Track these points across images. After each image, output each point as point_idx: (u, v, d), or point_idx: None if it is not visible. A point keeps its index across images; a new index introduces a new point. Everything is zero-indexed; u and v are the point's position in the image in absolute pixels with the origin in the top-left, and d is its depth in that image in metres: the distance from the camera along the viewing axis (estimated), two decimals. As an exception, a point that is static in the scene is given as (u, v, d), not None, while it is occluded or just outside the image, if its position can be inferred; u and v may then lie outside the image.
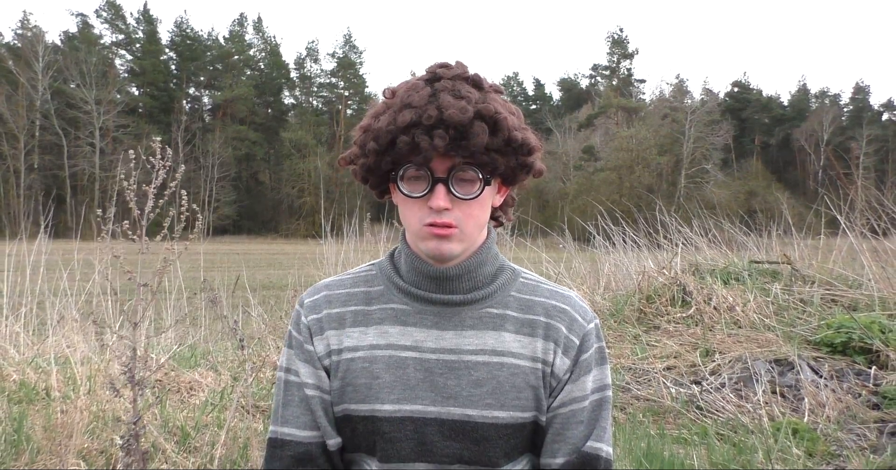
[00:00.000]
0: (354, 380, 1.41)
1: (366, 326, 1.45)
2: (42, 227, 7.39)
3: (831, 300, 6.84)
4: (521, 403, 1.39)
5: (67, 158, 59.12)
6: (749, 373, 5.10)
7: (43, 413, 4.13)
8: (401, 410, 1.38)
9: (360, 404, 1.40)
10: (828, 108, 75.00)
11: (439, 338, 1.41)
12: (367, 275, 1.53)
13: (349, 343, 1.44)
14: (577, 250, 9.90)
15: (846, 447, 4.00)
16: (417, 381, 1.39)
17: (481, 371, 1.39)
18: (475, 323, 1.42)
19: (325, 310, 1.48)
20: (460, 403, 1.37)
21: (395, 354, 1.41)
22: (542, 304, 1.46)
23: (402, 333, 1.42)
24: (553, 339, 1.43)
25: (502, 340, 1.41)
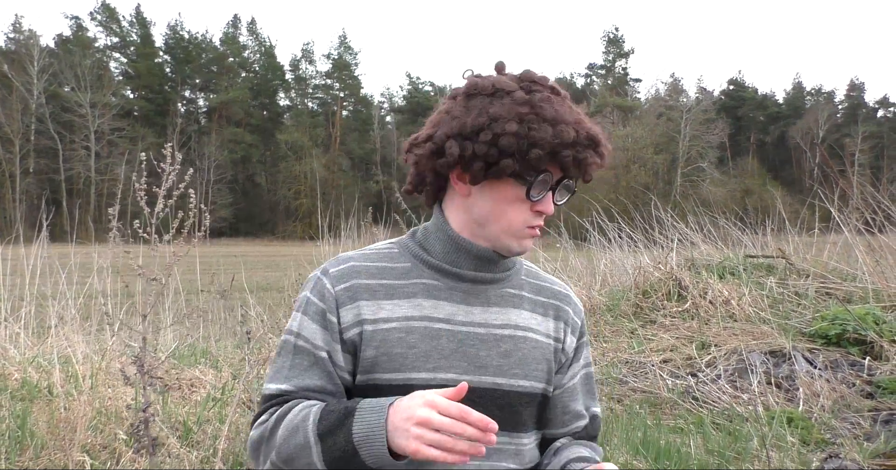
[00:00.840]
0: (390, 349, 1.46)
1: (399, 299, 1.50)
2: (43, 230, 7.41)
3: (826, 293, 6.90)
4: (539, 375, 1.54)
5: (63, 162, 59.03)
6: (745, 364, 5.15)
7: (46, 410, 4.17)
8: (436, 378, 1.45)
9: (395, 373, 1.45)
10: (823, 106, 75.20)
11: (468, 312, 1.52)
12: (390, 252, 1.59)
13: (383, 314, 1.48)
14: (574, 248, 9.93)
15: (840, 435, 4.06)
16: (451, 351, 1.48)
17: (508, 343, 1.52)
18: (499, 300, 1.55)
19: (355, 280, 1.52)
20: (490, 372, 1.49)
21: (430, 326, 1.48)
22: (549, 288, 1.65)
23: (435, 306, 1.50)
24: (563, 319, 1.62)
25: (523, 316, 1.56)
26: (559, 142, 1.40)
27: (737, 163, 69.95)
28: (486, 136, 1.41)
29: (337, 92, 78.79)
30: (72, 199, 52.20)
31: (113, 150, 61.21)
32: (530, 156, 1.40)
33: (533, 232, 1.50)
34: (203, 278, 8.32)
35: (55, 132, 59.26)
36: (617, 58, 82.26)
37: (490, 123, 1.42)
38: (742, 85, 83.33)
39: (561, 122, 1.41)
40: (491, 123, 1.41)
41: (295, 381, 1.48)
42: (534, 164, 1.42)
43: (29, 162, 58.39)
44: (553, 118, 1.41)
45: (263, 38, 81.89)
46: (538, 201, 1.47)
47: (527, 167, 1.42)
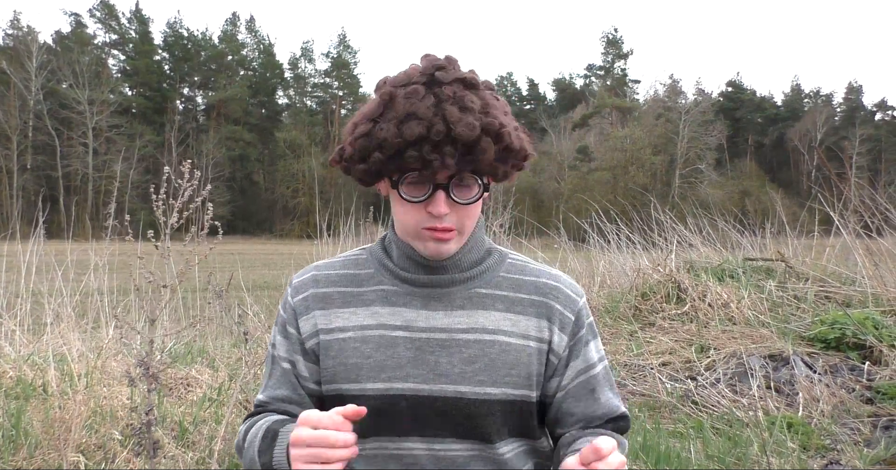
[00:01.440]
0: (346, 360, 1.43)
1: (356, 307, 1.47)
2: (39, 227, 7.38)
3: (825, 297, 6.88)
4: (513, 380, 1.42)
5: (60, 159, 58.91)
6: (744, 368, 5.13)
7: (41, 408, 4.14)
8: (391, 388, 1.40)
9: (352, 384, 1.42)
10: (821, 108, 75.24)
11: (429, 317, 1.43)
12: (358, 258, 1.55)
13: (339, 323, 1.46)
14: (573, 249, 9.92)
15: (840, 441, 4.03)
16: (408, 359, 1.41)
17: (473, 349, 1.41)
18: (464, 303, 1.45)
19: (312, 289, 1.51)
20: (452, 380, 1.40)
21: (386, 334, 1.43)
22: (533, 282, 1.50)
23: (392, 313, 1.45)
24: (547, 316, 1.47)
25: (492, 318, 1.44)
26: (400, 140, 1.29)
27: (735, 165, 69.93)
28: (349, 138, 1.39)
29: (336, 90, 78.70)
30: (69, 196, 52.14)
31: (111, 148, 61.10)
32: (372, 159, 1.33)
33: (433, 234, 1.37)
34: (201, 276, 8.28)
35: (53, 129, 59.16)
36: (616, 59, 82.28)
37: (357, 124, 1.38)
38: (740, 87, 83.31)
39: (412, 119, 1.28)
40: (357, 124, 1.38)
41: (269, 391, 1.52)
42: (392, 166, 1.33)
43: (26, 158, 58.28)
44: (404, 114, 1.29)
45: (262, 36, 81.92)
46: (428, 202, 1.35)
47: (391, 168, 1.34)
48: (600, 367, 1.53)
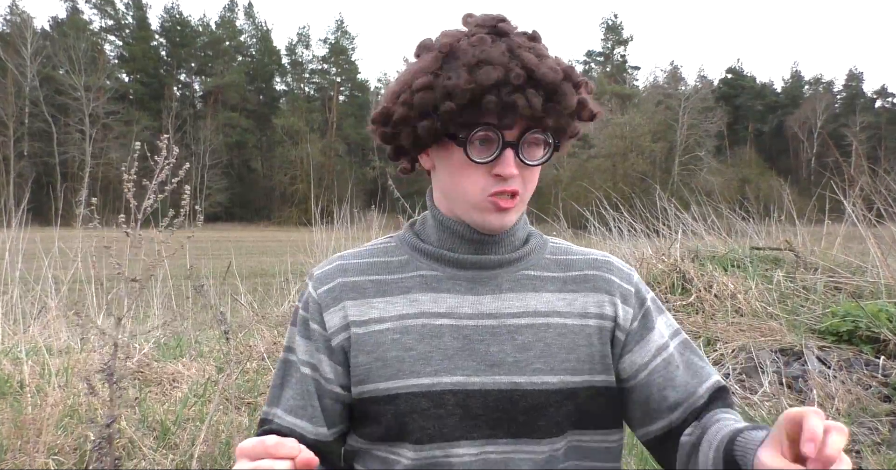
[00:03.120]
0: (384, 354, 1.26)
1: (392, 296, 1.30)
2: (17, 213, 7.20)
3: (835, 287, 6.66)
4: (572, 366, 1.27)
5: (57, 145, 58.72)
6: (753, 363, 4.92)
7: (15, 407, 3.93)
8: (439, 383, 1.24)
9: (392, 381, 1.25)
10: (821, 96, 75.08)
11: (476, 303, 1.28)
12: (387, 246, 1.39)
13: (374, 314, 1.29)
14: (573, 237, 9.71)
15: (858, 442, 3.83)
16: (456, 350, 1.26)
17: (526, 334, 1.27)
18: (513, 286, 1.31)
19: (339, 278, 1.33)
20: (506, 370, 1.25)
21: (429, 323, 1.27)
22: (583, 259, 1.38)
23: (435, 299, 1.29)
24: (605, 290, 1.33)
25: (545, 300, 1.30)
26: (475, 86, 1.16)
27: (734, 152, 69.81)
28: (405, 95, 1.23)
29: (334, 77, 78.52)
30: (67, 183, 51.95)
31: (108, 134, 60.95)
32: (443, 109, 1.18)
33: (498, 201, 1.23)
34: (197, 264, 8.10)
35: (49, 115, 58.99)
36: (615, 45, 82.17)
37: (411, 80, 1.23)
38: (740, 74, 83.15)
39: (484, 64, 1.16)
40: (411, 80, 1.23)
41: (281, 404, 1.34)
42: (461, 119, 1.19)
43: (23, 145, 58.11)
44: (476, 60, 1.17)
45: (260, 22, 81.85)
46: (495, 163, 1.21)
47: (457, 124, 1.20)
48: (682, 337, 1.37)
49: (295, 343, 1.35)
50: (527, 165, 1.23)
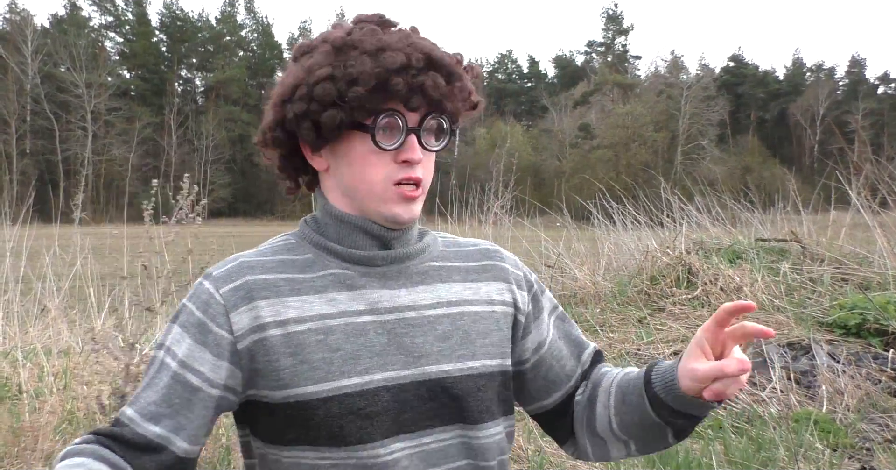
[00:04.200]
0: (310, 356, 1.19)
1: (307, 295, 1.23)
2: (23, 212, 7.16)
3: (842, 279, 6.59)
4: (488, 350, 1.30)
5: (59, 143, 58.73)
6: (761, 358, 4.85)
7: (13, 412, 3.88)
8: (372, 381, 1.20)
9: (321, 384, 1.18)
10: (823, 83, 74.76)
11: (393, 297, 1.27)
12: (287, 244, 1.32)
13: (292, 314, 1.21)
14: (576, 229, 9.65)
15: (868, 439, 3.76)
16: (383, 345, 1.23)
17: (445, 323, 1.28)
18: (423, 277, 1.31)
19: (247, 276, 1.23)
20: (433, 359, 1.25)
21: (352, 321, 1.22)
22: (475, 250, 1.42)
23: (353, 297, 1.25)
24: (503, 278, 1.38)
25: (454, 290, 1.32)
26: (381, 70, 1.16)
27: (737, 140, 69.63)
28: (302, 90, 1.21)
29: (335, 70, 78.52)
30: (69, 180, 52.00)
31: (110, 131, 60.97)
32: (350, 95, 1.17)
33: (403, 191, 1.22)
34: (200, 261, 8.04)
35: (51, 113, 59.00)
36: (616, 35, 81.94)
37: (305, 76, 1.21)
38: (742, 62, 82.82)
39: (386, 49, 1.18)
40: (306, 76, 1.21)
41: (142, 407, 1.17)
42: (366, 106, 1.18)
43: (25, 143, 58.13)
44: (375, 48, 1.18)
45: (261, 16, 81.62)
46: (401, 150, 1.21)
47: (361, 112, 1.18)
48: (559, 311, 1.47)
49: (177, 345, 1.20)
50: (429, 151, 1.25)
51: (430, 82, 1.18)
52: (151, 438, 1.16)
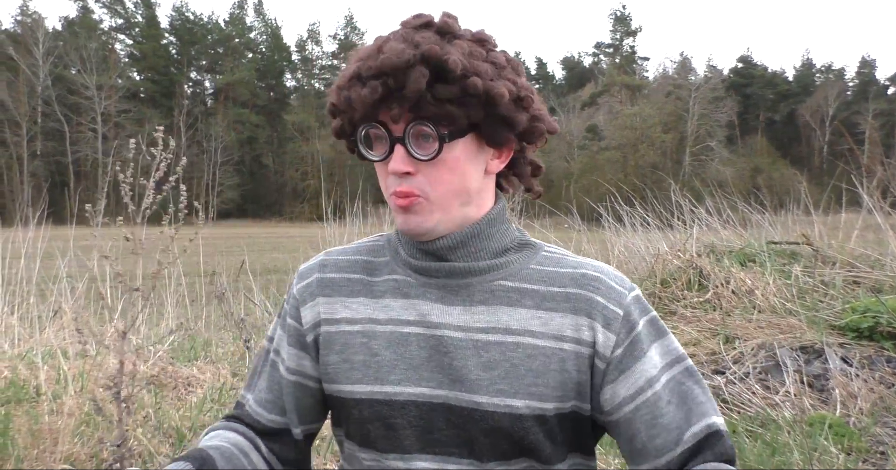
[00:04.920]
0: (352, 356, 1.23)
1: (365, 297, 1.27)
2: (39, 213, 7.21)
3: (854, 282, 6.58)
4: (540, 391, 1.16)
5: (70, 144, 59.01)
6: (774, 361, 4.86)
7: (33, 413, 3.91)
8: (403, 392, 1.19)
9: (357, 385, 1.22)
10: (833, 83, 74.59)
11: (445, 313, 1.21)
12: (374, 245, 1.35)
13: (346, 314, 1.27)
14: (586, 230, 9.65)
15: (884, 443, 3.77)
16: (422, 360, 1.20)
17: (493, 352, 1.18)
18: (486, 297, 1.21)
19: (317, 274, 1.32)
20: (468, 387, 1.17)
21: (397, 330, 1.22)
22: (569, 274, 1.23)
23: (405, 306, 1.23)
24: (586, 312, 1.19)
25: (518, 316, 1.19)
26: (340, 84, 1.17)
27: (745, 141, 69.53)
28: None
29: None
30: (80, 182, 52.23)
31: (120, 133, 61.19)
32: (328, 110, 1.23)
33: (396, 201, 1.18)
34: (205, 261, 8.09)
35: (62, 115, 59.31)
36: (624, 36, 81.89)
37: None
38: (751, 62, 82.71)
39: (358, 61, 1.15)
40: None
41: (254, 392, 1.37)
42: (352, 120, 1.18)
43: (36, 145, 58.42)
44: (355, 60, 1.16)
45: (269, 18, 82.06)
46: (388, 161, 1.17)
47: (350, 124, 1.20)
48: (681, 367, 1.22)
49: (276, 334, 1.36)
50: (420, 160, 1.16)
51: (355, 95, 1.14)
52: (267, 424, 1.33)
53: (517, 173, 1.32)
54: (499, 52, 1.20)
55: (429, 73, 1.10)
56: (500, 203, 1.28)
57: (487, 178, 1.25)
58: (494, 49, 1.20)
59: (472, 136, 1.18)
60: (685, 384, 1.20)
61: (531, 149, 1.31)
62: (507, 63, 1.19)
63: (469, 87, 1.11)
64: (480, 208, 1.24)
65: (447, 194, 1.18)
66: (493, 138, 1.18)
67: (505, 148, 1.23)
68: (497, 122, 1.16)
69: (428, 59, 1.10)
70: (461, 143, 1.17)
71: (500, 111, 1.15)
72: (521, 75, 1.21)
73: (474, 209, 1.23)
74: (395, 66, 1.10)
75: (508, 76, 1.17)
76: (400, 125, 1.15)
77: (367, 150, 1.20)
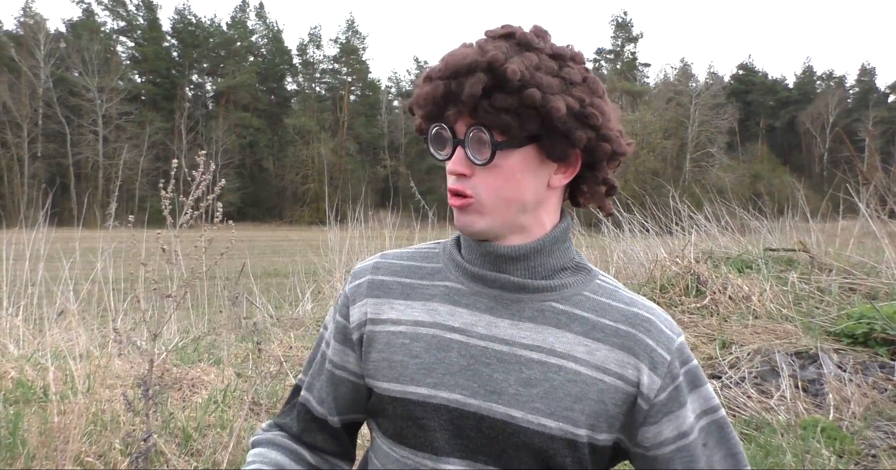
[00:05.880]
0: (392, 355, 1.28)
1: (413, 300, 1.31)
2: (42, 215, 7.26)
3: (849, 289, 6.66)
4: (574, 416, 1.18)
5: (71, 146, 59.01)
6: (769, 366, 4.94)
7: (41, 414, 3.98)
8: (437, 396, 1.22)
9: (393, 383, 1.26)
10: (833, 91, 74.64)
11: (492, 324, 1.23)
12: (429, 251, 1.39)
13: (392, 315, 1.31)
14: (586, 235, 9.72)
15: (874, 446, 3.85)
16: (460, 367, 1.22)
17: (534, 370, 1.20)
18: (535, 315, 1.23)
19: (369, 276, 1.37)
20: (505, 400, 1.19)
21: (440, 335, 1.25)
22: (622, 310, 1.24)
23: (452, 312, 1.26)
24: (633, 351, 1.20)
25: (564, 340, 1.21)
26: (419, 81, 1.23)
27: (746, 148, 69.55)
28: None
29: (344, 76, 78.55)
30: (80, 184, 52.27)
31: (121, 135, 61.25)
32: (407, 107, 1.28)
33: (450, 199, 1.22)
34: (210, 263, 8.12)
35: (63, 116, 59.27)
36: (626, 42, 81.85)
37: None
38: (752, 69, 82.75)
39: (443, 60, 1.19)
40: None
41: (309, 377, 1.46)
42: (425, 118, 1.23)
43: (37, 146, 58.40)
44: (440, 60, 1.21)
45: (271, 22, 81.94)
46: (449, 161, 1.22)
47: (423, 125, 1.25)
48: (714, 417, 1.25)
49: (329, 324, 1.42)
50: (475, 164, 1.19)
51: (420, 91, 1.20)
52: (305, 405, 1.44)
53: (588, 191, 1.32)
54: (577, 68, 1.22)
55: (487, 80, 1.13)
56: (565, 221, 1.30)
57: (551, 192, 1.26)
58: (572, 66, 1.22)
59: (533, 148, 1.19)
60: (719, 435, 1.24)
61: (603, 167, 1.29)
62: (583, 81, 1.21)
63: (526, 98, 1.13)
64: (542, 221, 1.26)
65: (498, 200, 1.20)
66: (553, 152, 1.20)
67: (569, 163, 1.24)
68: (556, 136, 1.18)
69: (489, 67, 1.13)
70: (519, 153, 1.19)
71: (557, 125, 1.16)
72: (597, 95, 1.22)
73: (532, 219, 1.25)
74: (457, 69, 1.15)
75: (576, 93, 1.18)
76: (462, 128, 1.19)
77: (436, 150, 1.24)
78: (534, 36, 1.22)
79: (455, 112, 1.17)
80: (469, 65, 1.14)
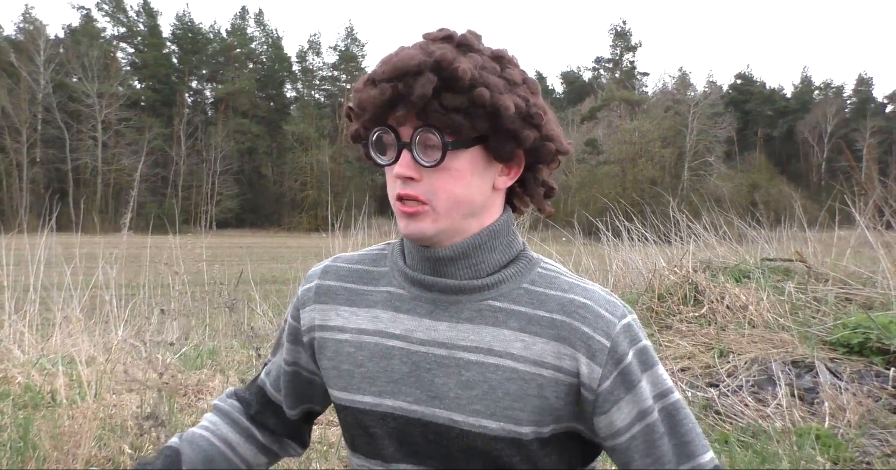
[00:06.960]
0: (340, 364, 1.29)
1: (357, 307, 1.31)
2: (49, 221, 7.31)
3: (845, 299, 6.74)
4: (516, 414, 1.16)
5: (70, 152, 59.06)
6: (766, 375, 5.01)
7: (50, 418, 4.04)
8: (382, 404, 1.23)
9: (343, 392, 1.28)
10: (831, 101, 74.86)
11: (431, 329, 1.22)
12: (379, 254, 1.38)
13: (338, 322, 1.31)
14: (585, 244, 9.78)
15: (869, 453, 3.92)
16: (402, 374, 1.23)
17: (473, 371, 1.18)
18: (473, 316, 1.21)
19: (317, 280, 1.38)
20: (446, 405, 1.19)
21: (382, 342, 1.25)
22: (558, 298, 1.20)
23: (393, 319, 1.26)
24: (570, 342, 1.16)
25: (502, 337, 1.19)
26: (358, 86, 1.20)
27: (744, 157, 69.68)
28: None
29: (343, 83, 78.62)
30: (79, 190, 52.29)
31: (120, 141, 61.33)
32: (346, 113, 1.26)
33: (399, 206, 1.19)
34: (209, 270, 8.20)
35: (62, 122, 59.37)
36: (624, 51, 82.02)
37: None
38: (750, 79, 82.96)
39: (384, 63, 1.17)
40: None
41: (270, 359, 1.49)
42: (365, 123, 1.21)
43: (36, 152, 58.45)
44: (380, 62, 1.19)
45: (271, 29, 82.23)
46: (394, 166, 1.19)
47: (362, 129, 1.23)
48: (670, 400, 1.20)
49: (287, 320, 1.43)
50: (424, 167, 1.16)
51: (365, 96, 1.17)
52: (261, 388, 1.48)
53: (528, 193, 1.31)
54: (516, 70, 1.22)
55: (437, 81, 1.12)
56: (504, 215, 1.27)
57: (495, 194, 1.25)
58: (511, 67, 1.21)
59: (480, 149, 1.18)
60: (675, 417, 1.20)
61: (543, 169, 1.30)
62: (523, 82, 1.21)
63: (476, 97, 1.12)
64: (483, 222, 1.24)
65: (451, 203, 1.18)
66: (500, 153, 1.19)
67: (513, 164, 1.24)
68: (504, 136, 1.17)
69: (437, 67, 1.12)
70: (467, 154, 1.17)
71: (506, 125, 1.15)
72: (536, 94, 1.21)
73: (477, 223, 1.23)
74: (406, 70, 1.12)
75: (520, 93, 1.18)
76: (408, 131, 1.16)
77: (378, 154, 1.21)
78: (472, 38, 1.22)
79: (402, 115, 1.15)
80: (417, 65, 1.12)
